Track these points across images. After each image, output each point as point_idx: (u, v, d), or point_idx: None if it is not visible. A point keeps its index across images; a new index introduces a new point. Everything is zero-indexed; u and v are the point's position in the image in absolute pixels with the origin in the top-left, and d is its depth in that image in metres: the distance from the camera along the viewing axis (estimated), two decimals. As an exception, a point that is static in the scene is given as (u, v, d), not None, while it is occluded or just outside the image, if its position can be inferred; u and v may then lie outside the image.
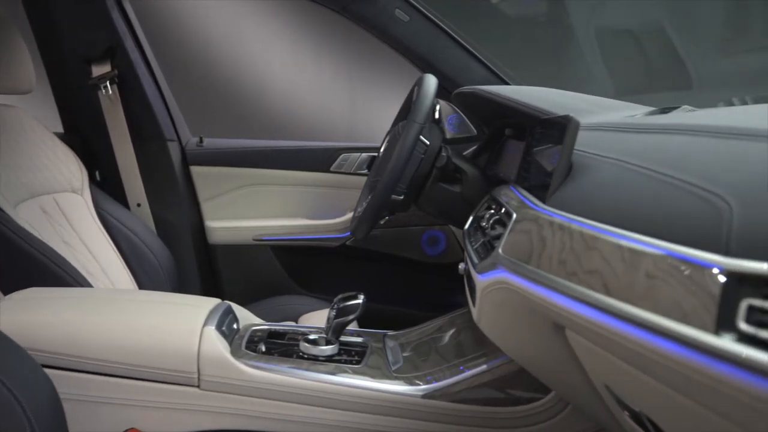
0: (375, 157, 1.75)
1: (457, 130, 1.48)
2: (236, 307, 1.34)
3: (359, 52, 2.76)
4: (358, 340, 1.31)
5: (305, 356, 1.20)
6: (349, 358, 1.22)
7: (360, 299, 1.21)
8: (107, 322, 1.15)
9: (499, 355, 1.13)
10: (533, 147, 1.06)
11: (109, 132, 1.85)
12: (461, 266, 1.20)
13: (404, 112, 1.48)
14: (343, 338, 1.26)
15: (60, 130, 1.91)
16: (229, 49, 2.90)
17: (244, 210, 1.99)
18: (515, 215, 0.94)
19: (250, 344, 1.22)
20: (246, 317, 1.37)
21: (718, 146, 0.69)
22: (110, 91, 1.79)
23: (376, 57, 1.99)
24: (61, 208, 1.61)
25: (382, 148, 1.54)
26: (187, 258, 1.93)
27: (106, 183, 1.88)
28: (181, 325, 1.15)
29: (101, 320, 1.16)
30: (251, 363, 1.13)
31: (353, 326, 1.55)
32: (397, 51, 1.85)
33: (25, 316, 1.16)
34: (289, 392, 1.11)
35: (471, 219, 1.24)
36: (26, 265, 1.36)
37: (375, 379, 1.14)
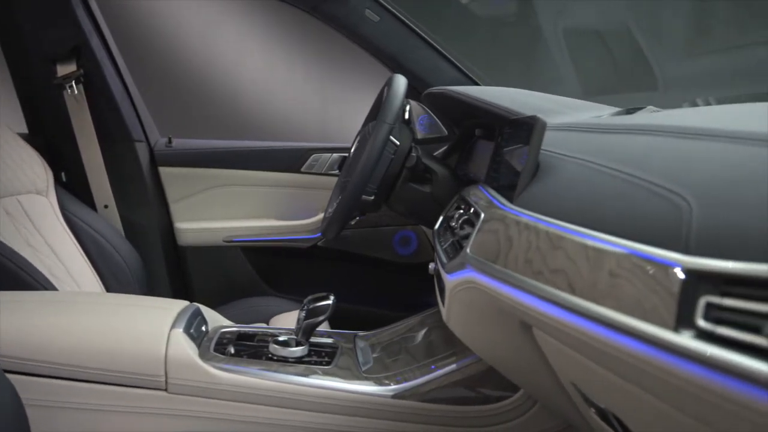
0: (346, 157, 1.75)
1: (428, 130, 1.48)
2: (205, 309, 1.32)
3: (332, 53, 2.75)
4: (329, 341, 1.30)
5: (275, 358, 1.19)
6: (319, 359, 1.21)
7: (330, 300, 1.21)
8: (72, 326, 1.13)
9: (469, 355, 1.13)
10: (502, 147, 1.07)
11: (74, 133, 1.81)
12: (431, 266, 1.20)
13: (374, 113, 1.48)
14: (314, 339, 1.26)
15: (24, 130, 1.87)
16: (200, 49, 2.87)
17: (214, 211, 1.97)
18: (483, 215, 0.94)
19: (219, 346, 1.21)
20: (215, 319, 1.35)
21: (680, 146, 0.71)
22: (76, 91, 1.76)
23: (349, 57, 1.99)
24: (25, 209, 1.58)
25: (353, 149, 1.54)
26: (156, 260, 1.90)
27: (72, 184, 1.84)
28: (148, 327, 1.14)
29: (66, 324, 1.14)
30: (220, 365, 1.12)
31: (324, 327, 1.55)
32: (368, 51, 1.84)
33: None
34: (258, 394, 1.11)
35: (441, 219, 1.25)
36: (-12, 269, 1.33)
37: (345, 380, 1.14)
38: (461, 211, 1.11)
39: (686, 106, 1.43)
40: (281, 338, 1.22)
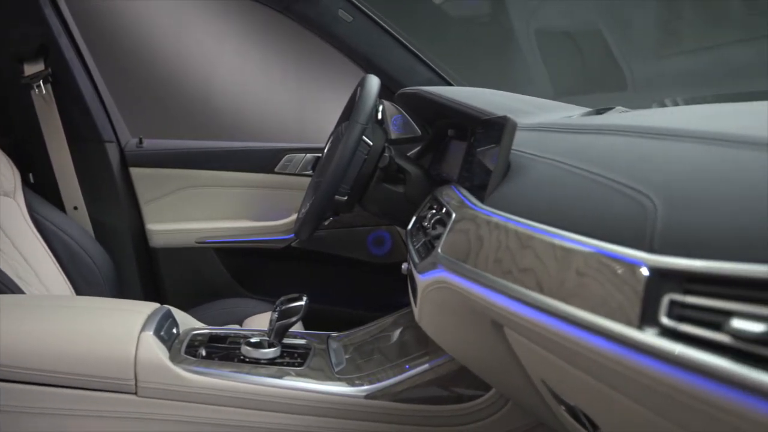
0: (320, 157, 1.74)
1: (402, 130, 1.48)
2: (176, 312, 1.31)
3: (309, 53, 2.74)
4: (302, 342, 1.30)
5: (247, 360, 1.18)
6: (292, 360, 1.21)
7: (303, 301, 1.20)
8: (39, 330, 1.11)
9: (441, 354, 1.14)
10: (474, 147, 1.07)
11: (43, 133, 1.78)
12: (404, 266, 1.20)
13: (347, 113, 1.48)
14: (286, 340, 1.25)
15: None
16: (172, 49, 2.84)
17: (187, 212, 1.95)
18: (455, 215, 0.95)
19: (190, 349, 1.20)
20: (187, 322, 1.34)
21: (647, 146, 0.71)
22: (44, 91, 1.73)
23: (326, 58, 1.98)
24: (-9, 212, 1.55)
25: (326, 149, 1.53)
26: (127, 262, 1.88)
27: (40, 186, 1.81)
28: (118, 330, 1.12)
29: (33, 328, 1.12)
30: (191, 368, 1.11)
31: (298, 328, 1.54)
32: (341, 51, 1.84)
33: None
34: (230, 396, 1.10)
35: (414, 219, 1.25)
36: (-48, 272, 1.30)
37: (317, 381, 1.13)
38: (434, 211, 1.11)
39: (655, 106, 1.45)
40: (253, 340, 1.21)
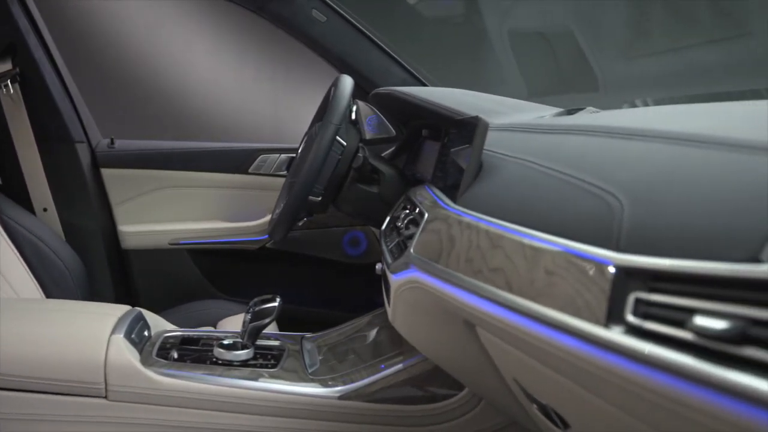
0: (294, 158, 1.74)
1: (376, 130, 1.48)
2: (148, 314, 1.29)
3: (284, 53, 2.72)
4: (275, 343, 1.29)
5: (219, 362, 1.17)
6: (265, 362, 1.20)
7: (276, 302, 1.20)
8: (7, 334, 1.10)
9: (415, 354, 1.14)
10: (448, 147, 1.08)
11: (11, 133, 1.75)
12: (378, 266, 1.20)
13: (321, 113, 1.47)
14: (260, 342, 1.24)
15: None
16: (145, 48, 2.81)
17: (160, 213, 1.93)
18: (427, 215, 0.95)
19: (162, 351, 1.19)
20: (159, 324, 1.33)
21: (615, 146, 0.72)
22: (12, 91, 1.70)
23: (302, 58, 1.97)
24: (-43, 213, 1.52)
25: (300, 150, 1.53)
26: (98, 264, 1.85)
27: (8, 187, 1.78)
28: (87, 334, 1.10)
29: (1, 332, 1.10)
30: (162, 371, 1.10)
31: (273, 329, 1.53)
32: (315, 52, 1.83)
33: None
34: (203, 399, 1.09)
35: (388, 219, 1.25)
36: None
37: (290, 382, 1.13)
38: (407, 211, 1.11)
39: (626, 106, 1.46)
40: (226, 342, 1.20)
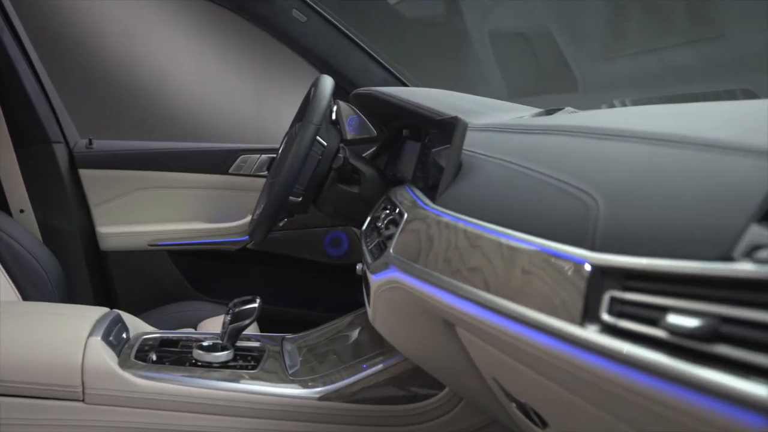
0: (275, 158, 1.73)
1: (357, 131, 1.48)
2: (126, 316, 1.28)
3: (267, 53, 2.71)
4: (256, 344, 1.28)
5: (199, 364, 1.16)
6: (245, 363, 1.19)
7: (256, 303, 1.19)
8: (-19, 337, 1.08)
9: (396, 354, 1.14)
10: (428, 148, 1.08)
11: (-14, 133, 1.73)
12: (359, 266, 1.20)
13: (301, 113, 1.47)
14: (240, 343, 1.24)
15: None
16: (125, 48, 2.78)
17: (139, 214, 1.91)
18: (407, 215, 0.95)
19: (140, 354, 1.17)
20: (137, 326, 1.31)
21: (592, 146, 0.73)
22: (-14, 90, 1.68)
23: (285, 58, 1.96)
24: (-69, 215, 1.49)
25: (280, 150, 1.52)
26: (76, 266, 1.83)
27: (-17, 188, 1.76)
28: (64, 336, 1.09)
29: (-26, 335, 1.08)
30: (140, 373, 1.09)
31: (254, 330, 1.52)
32: (296, 52, 1.83)
33: None
34: (182, 401, 1.08)
35: (368, 219, 1.25)
36: None
37: (271, 384, 1.12)
38: (387, 211, 1.11)
39: (605, 107, 1.47)
40: (205, 343, 1.19)
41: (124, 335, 1.21)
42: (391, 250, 0.91)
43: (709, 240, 0.44)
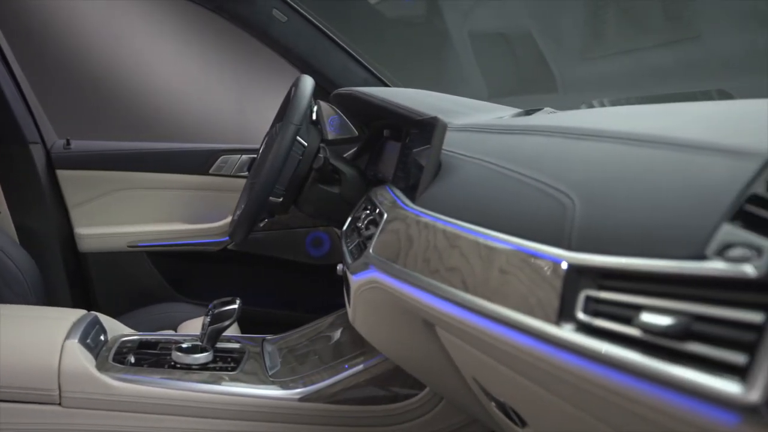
0: (255, 158, 1.72)
1: (339, 131, 1.48)
2: (105, 318, 1.27)
3: (249, 53, 2.70)
4: (236, 346, 1.28)
5: (178, 366, 1.16)
6: (225, 365, 1.19)
7: (236, 304, 1.18)
8: (-45, 341, 1.06)
9: (376, 354, 1.14)
10: (408, 148, 1.08)
11: (-39, 134, 1.70)
12: (339, 267, 1.20)
13: (282, 114, 1.46)
14: (220, 345, 1.23)
15: None
16: (104, 47, 2.75)
17: (118, 215, 1.89)
18: (386, 215, 0.95)
19: (118, 356, 1.16)
20: (116, 328, 1.30)
21: (569, 146, 0.73)
22: (-39, 89, 1.65)
23: (268, 58, 1.95)
24: None
25: (260, 150, 1.51)
26: (54, 268, 1.81)
27: (-41, 189, 1.73)
28: (40, 339, 1.08)
29: (-52, 338, 1.06)
30: (118, 376, 1.08)
31: (235, 331, 1.51)
32: (277, 52, 1.82)
33: None
34: (161, 404, 1.07)
35: (349, 220, 1.25)
36: None
37: (251, 385, 1.12)
38: (368, 211, 1.11)
39: (584, 107, 1.48)
40: (184, 345, 1.19)
41: (102, 337, 1.20)
42: (371, 251, 0.91)
43: (683, 239, 0.45)
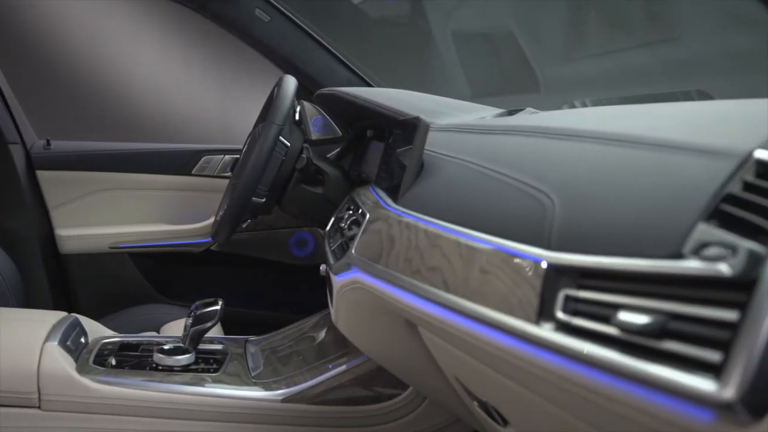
0: (238, 159, 1.71)
1: (322, 131, 1.47)
2: (85, 320, 1.26)
3: (231, 53, 2.68)
4: (218, 347, 1.27)
5: (159, 367, 1.15)
6: (207, 366, 1.18)
7: (219, 305, 1.18)
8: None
9: (359, 355, 1.14)
10: (391, 148, 1.08)
11: (-62, 134, 1.68)
12: (322, 267, 1.20)
13: (264, 114, 1.46)
14: (203, 346, 1.22)
15: None
16: (85, 46, 2.72)
17: (99, 216, 1.87)
18: (369, 215, 0.95)
19: (99, 358, 1.15)
20: (97, 330, 1.29)
21: (549, 146, 0.74)
22: (-61, 89, 1.63)
23: (250, 59, 1.95)
24: None
25: (243, 150, 1.51)
26: (34, 270, 1.79)
27: (-63, 191, 1.71)
28: (19, 342, 1.07)
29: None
30: (99, 378, 1.07)
31: (218, 333, 1.51)
32: (260, 52, 1.81)
33: None
34: (142, 406, 1.06)
35: (332, 220, 1.25)
36: None
37: (233, 387, 1.11)
38: (351, 211, 1.11)
39: (566, 107, 1.49)
40: (167, 347, 1.18)
41: (82, 340, 1.19)
42: (354, 251, 0.91)
43: (659, 238, 0.45)
